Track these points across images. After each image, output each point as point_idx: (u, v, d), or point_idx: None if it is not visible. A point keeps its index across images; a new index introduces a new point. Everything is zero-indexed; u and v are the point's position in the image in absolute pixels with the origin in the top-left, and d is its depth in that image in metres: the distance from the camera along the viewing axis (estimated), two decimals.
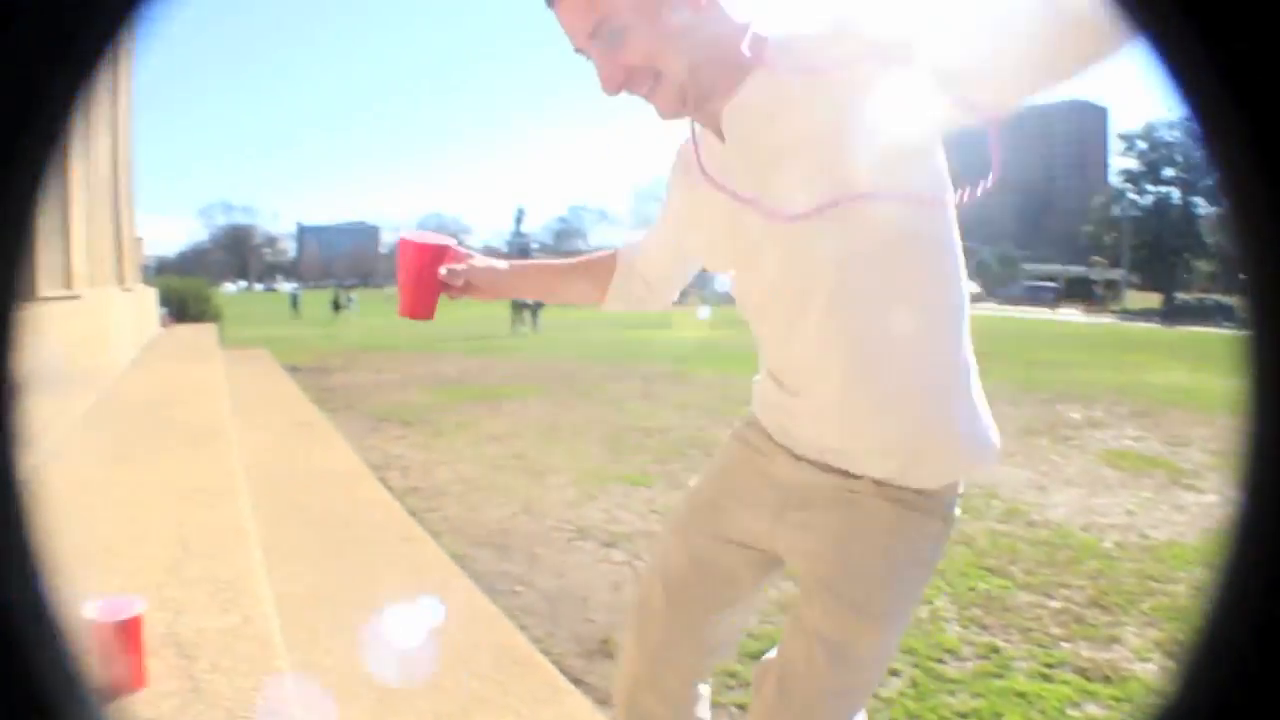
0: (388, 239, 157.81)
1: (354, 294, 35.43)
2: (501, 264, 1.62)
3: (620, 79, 1.23)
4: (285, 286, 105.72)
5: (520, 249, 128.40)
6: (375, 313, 32.87)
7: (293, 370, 12.36)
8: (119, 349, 5.84)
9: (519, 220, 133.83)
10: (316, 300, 51.17)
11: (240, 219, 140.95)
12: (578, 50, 1.26)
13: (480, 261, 1.58)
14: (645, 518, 5.36)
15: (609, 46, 1.22)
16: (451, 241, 1.56)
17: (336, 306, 34.55)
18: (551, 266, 1.75)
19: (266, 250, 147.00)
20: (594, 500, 5.83)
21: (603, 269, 1.70)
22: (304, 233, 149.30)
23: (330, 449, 6.58)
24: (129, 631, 1.44)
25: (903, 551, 1.29)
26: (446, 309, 1.60)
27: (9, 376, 0.35)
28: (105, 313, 7.31)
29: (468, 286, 1.55)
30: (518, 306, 33.83)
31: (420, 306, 1.54)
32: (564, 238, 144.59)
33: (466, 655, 2.91)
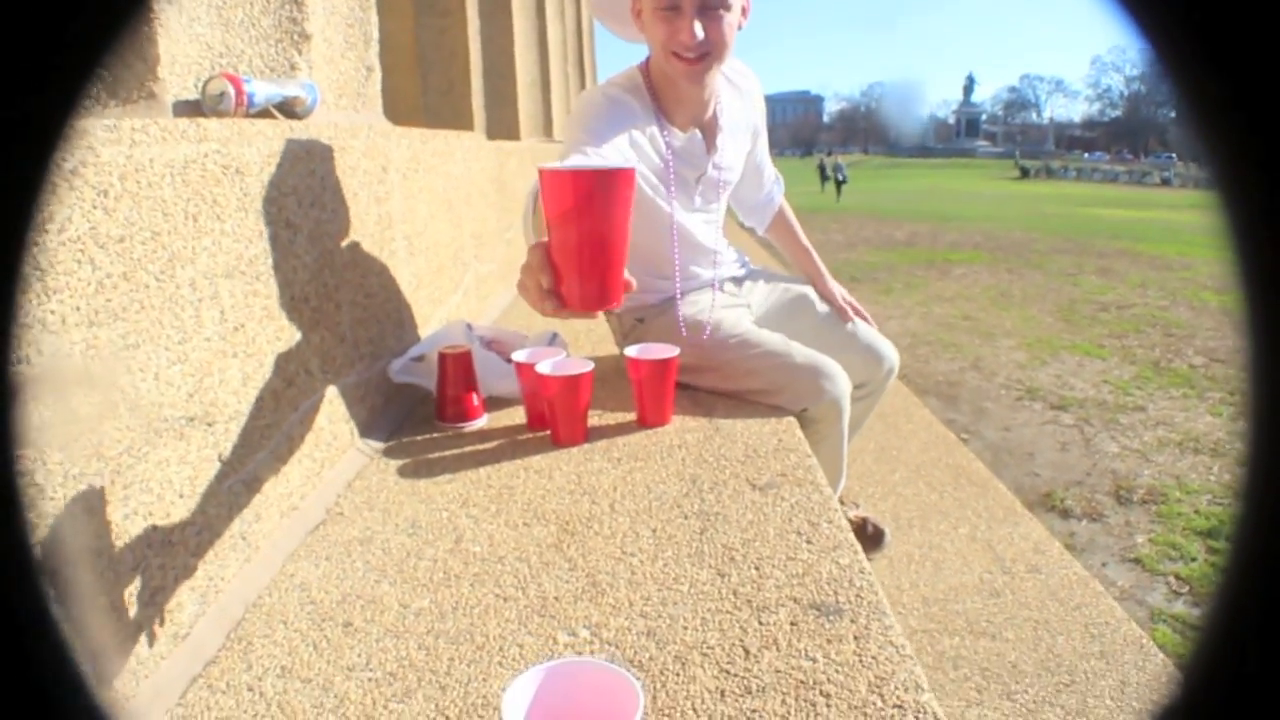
0: (831, 108, 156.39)
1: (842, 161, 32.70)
2: None
3: (696, 44, 1.69)
4: None
5: (969, 120, 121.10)
6: (810, 181, 32.96)
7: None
8: None
9: (968, 90, 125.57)
10: None
11: None
12: (669, 6, 1.69)
13: None
14: (1099, 387, 5.30)
15: (709, 17, 1.68)
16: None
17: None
18: None
19: None
20: (1045, 365, 5.84)
21: None
22: None
23: None
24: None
25: None
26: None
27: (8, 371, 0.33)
28: None
29: None
30: (822, 175, 31.50)
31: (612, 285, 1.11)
32: (1014, 109, 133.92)
33: (925, 470, 3.21)
